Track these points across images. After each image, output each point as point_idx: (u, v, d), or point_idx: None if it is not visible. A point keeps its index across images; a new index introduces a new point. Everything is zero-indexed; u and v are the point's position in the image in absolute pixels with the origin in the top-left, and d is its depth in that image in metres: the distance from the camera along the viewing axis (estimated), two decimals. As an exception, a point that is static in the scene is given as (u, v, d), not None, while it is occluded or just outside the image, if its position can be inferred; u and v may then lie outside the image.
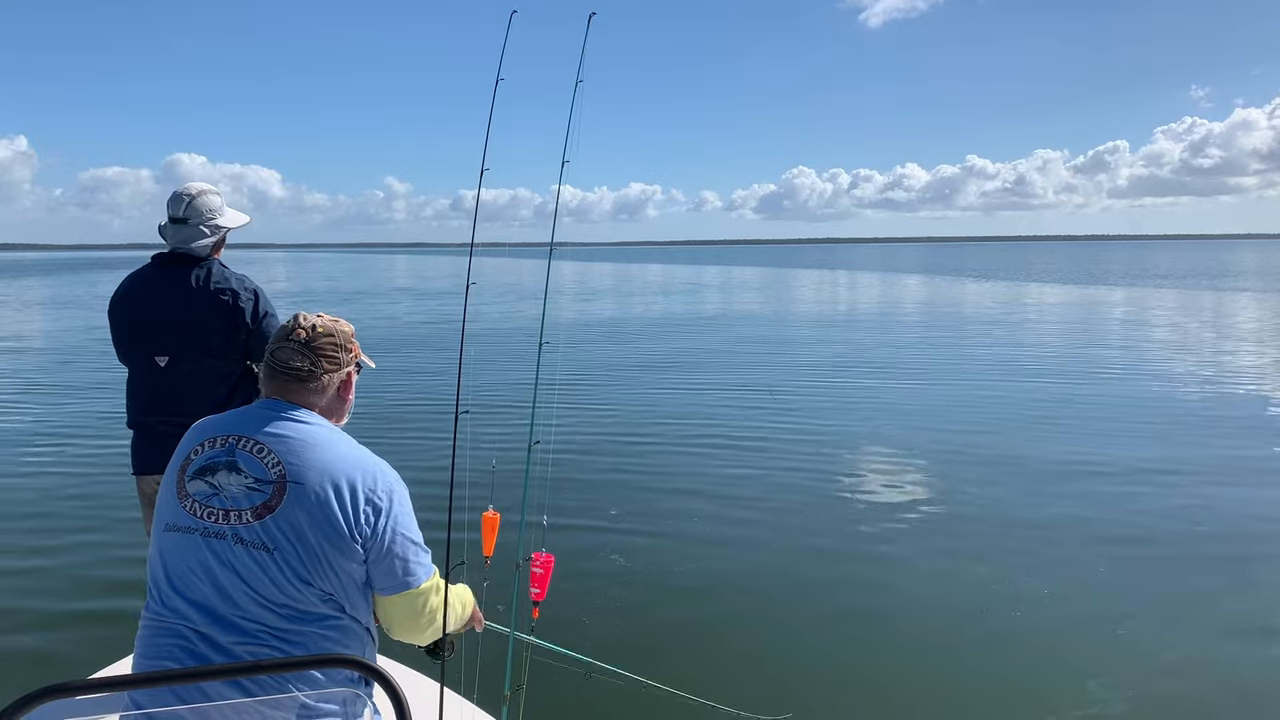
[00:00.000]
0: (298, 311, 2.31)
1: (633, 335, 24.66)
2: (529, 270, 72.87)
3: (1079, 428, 11.52)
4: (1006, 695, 4.89)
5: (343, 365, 2.27)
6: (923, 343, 22.18)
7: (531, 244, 37.58)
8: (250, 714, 1.95)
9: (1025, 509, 8.12)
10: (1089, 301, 37.84)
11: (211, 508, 2.05)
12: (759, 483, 9.06)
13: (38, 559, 6.97)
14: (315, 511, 2.04)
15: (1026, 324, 27.33)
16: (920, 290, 47.76)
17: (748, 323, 29.81)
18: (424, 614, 2.21)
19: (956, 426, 11.78)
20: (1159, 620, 5.79)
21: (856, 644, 5.56)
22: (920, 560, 6.90)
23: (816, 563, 6.85)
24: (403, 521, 2.15)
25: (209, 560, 2.02)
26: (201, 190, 3.81)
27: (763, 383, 15.53)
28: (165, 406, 3.73)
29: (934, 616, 5.90)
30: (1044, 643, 5.47)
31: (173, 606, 2.04)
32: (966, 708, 4.79)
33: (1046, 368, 17.20)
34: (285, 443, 2.10)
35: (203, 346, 3.71)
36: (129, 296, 3.83)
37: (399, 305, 38.55)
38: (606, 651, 5.16)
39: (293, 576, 2.02)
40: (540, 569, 2.92)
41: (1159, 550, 7.06)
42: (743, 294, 47.44)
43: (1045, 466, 9.55)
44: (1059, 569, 6.64)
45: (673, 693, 4.29)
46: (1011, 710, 4.76)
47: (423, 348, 22.26)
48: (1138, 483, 8.94)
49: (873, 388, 15.33)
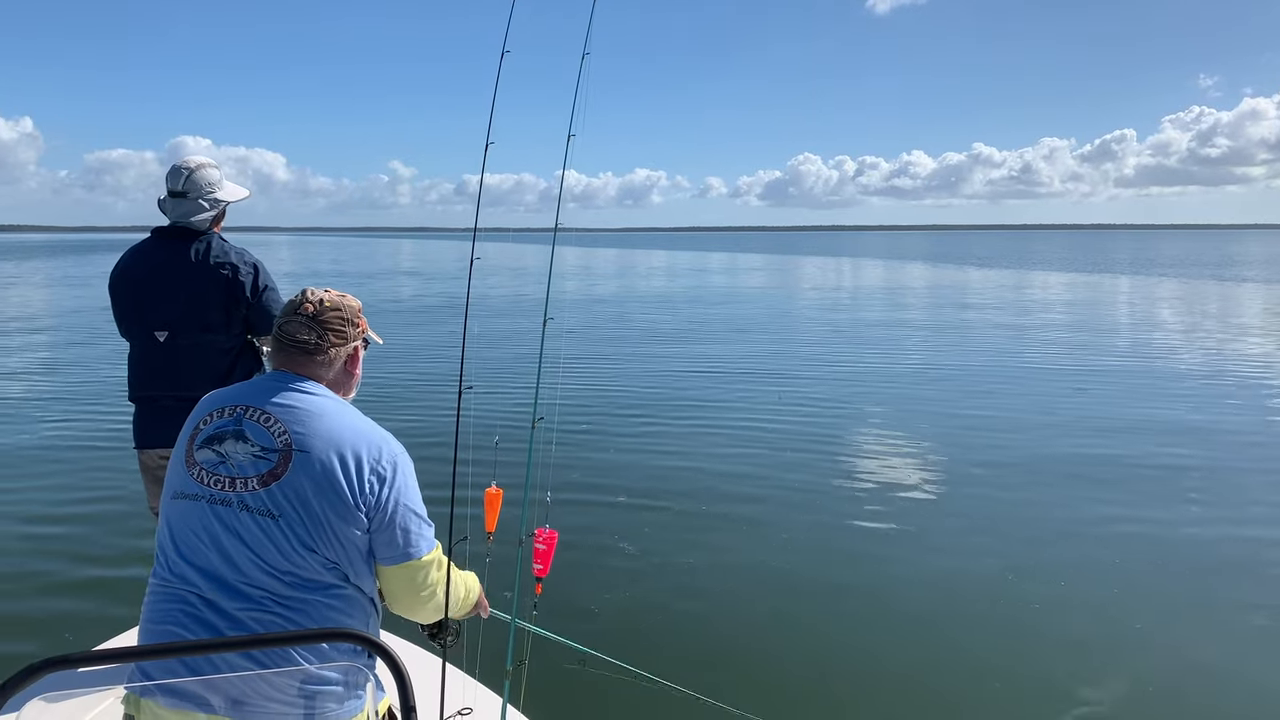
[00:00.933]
0: (306, 286, 2.31)
1: (637, 319, 24.67)
2: (532, 255, 72.86)
3: (1092, 420, 11.35)
4: (1024, 691, 4.78)
5: (350, 340, 2.28)
6: (933, 329, 22.11)
7: (536, 229, 38.02)
8: (254, 683, 1.96)
9: (1043, 500, 8.02)
10: (1098, 289, 37.79)
11: (218, 475, 2.07)
12: (763, 466, 9.04)
13: (43, 528, 7.04)
14: (320, 479, 2.05)
15: (1037, 313, 27.16)
16: (928, 277, 47.72)
17: (753, 306, 29.80)
18: (425, 586, 2.22)
19: (968, 414, 11.73)
20: (1184, 617, 5.65)
21: (863, 640, 5.39)
22: (933, 551, 6.80)
23: (823, 553, 6.71)
24: (406, 493, 2.17)
25: (215, 527, 2.04)
26: (201, 164, 3.79)
27: (768, 371, 15.52)
28: (166, 381, 3.72)
29: (945, 607, 5.79)
30: (1062, 638, 5.34)
31: (179, 572, 2.06)
32: (978, 705, 4.68)
33: (1058, 357, 17.04)
34: (292, 412, 2.12)
35: (202, 320, 3.70)
36: (129, 271, 3.81)
37: (404, 287, 38.69)
38: (605, 634, 5.20)
39: (297, 544, 2.04)
40: (543, 545, 2.91)
41: (1178, 549, 6.91)
42: (748, 280, 47.43)
43: (1059, 458, 9.44)
44: (1076, 564, 6.51)
45: (668, 686, 4.30)
46: (1030, 707, 4.66)
47: (428, 327, 22.45)
48: (1157, 473, 8.84)
49: (882, 373, 15.31)
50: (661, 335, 20.78)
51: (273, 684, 1.97)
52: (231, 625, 2.00)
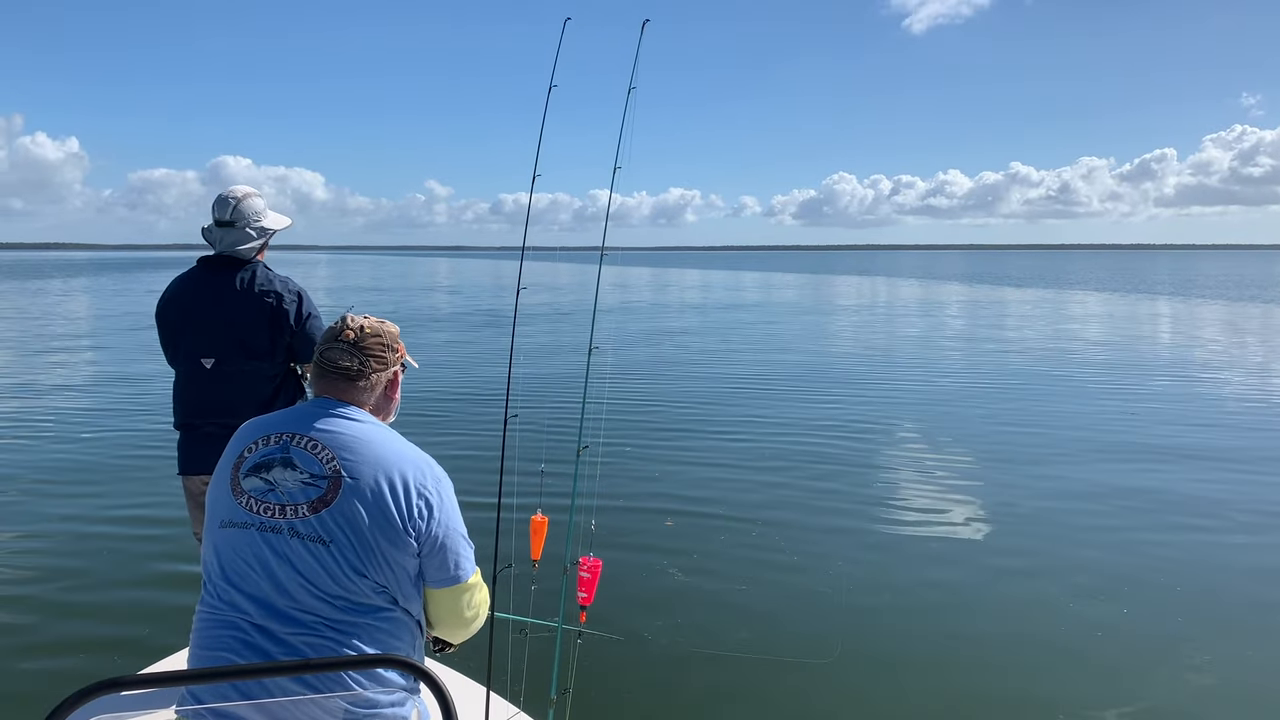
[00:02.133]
0: (345, 313, 2.35)
1: (677, 339, 24.56)
2: (567, 272, 73.05)
3: (1144, 444, 11.12)
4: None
5: (390, 364, 2.32)
6: (975, 350, 21.77)
7: (581, 248, 38.00)
8: (304, 707, 1.98)
9: (1099, 524, 7.80)
10: (1141, 310, 37.20)
11: (268, 503, 2.09)
12: (811, 490, 8.90)
13: (90, 555, 7.06)
14: (370, 506, 2.08)
15: (1080, 334, 26.64)
16: (966, 297, 47.25)
17: (792, 325, 29.64)
18: (470, 608, 2.28)
19: (1016, 434, 11.56)
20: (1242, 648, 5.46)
21: (930, 697, 5.02)
22: (994, 574, 6.64)
23: (880, 579, 6.51)
24: (453, 517, 2.21)
25: (265, 554, 2.06)
26: (247, 193, 3.87)
27: (811, 390, 15.38)
28: (212, 407, 3.77)
29: (1014, 633, 5.62)
30: (1117, 666, 5.20)
31: (228, 600, 2.08)
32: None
33: (1107, 380, 16.67)
34: (338, 439, 2.14)
35: (248, 348, 3.75)
36: (177, 299, 3.88)
37: (445, 305, 38.99)
38: (652, 662, 5.13)
39: (348, 569, 2.06)
40: (588, 573, 2.91)
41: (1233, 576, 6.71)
42: (786, 299, 47.20)
43: (1113, 483, 9.21)
44: (1134, 590, 6.34)
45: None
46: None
47: (471, 345, 22.53)
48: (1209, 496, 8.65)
49: (927, 393, 15.17)
50: (702, 355, 20.67)
51: (322, 707, 1.99)
52: (283, 650, 2.02)
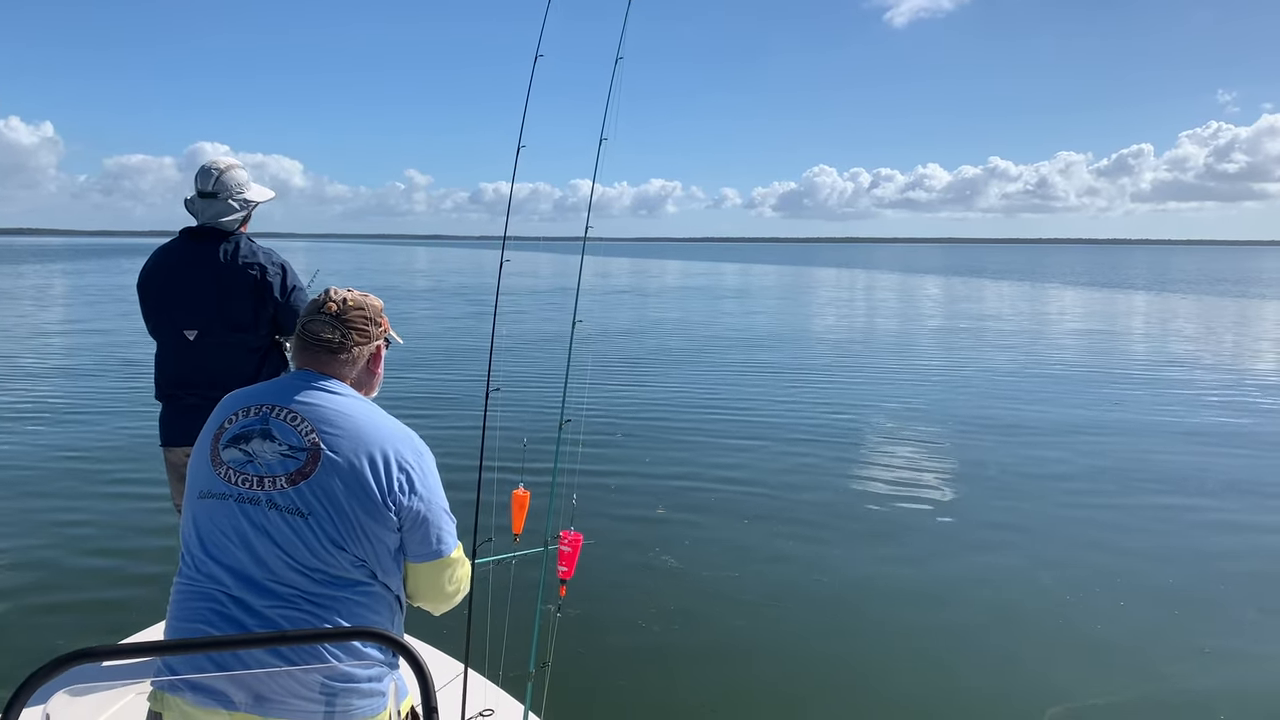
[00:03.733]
0: (329, 286, 2.33)
1: (658, 328, 24.61)
2: (548, 263, 72.97)
3: (1135, 433, 11.23)
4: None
5: (373, 338, 2.30)
6: (958, 341, 21.93)
7: (563, 238, 37.86)
8: (280, 680, 1.96)
9: (1091, 516, 7.80)
10: (1120, 304, 37.55)
11: (246, 474, 2.07)
12: (791, 469, 9.06)
13: (67, 528, 7.04)
14: (350, 479, 2.06)
15: (1062, 326, 26.83)
16: (947, 290, 47.53)
17: (778, 316, 29.74)
18: (451, 582, 2.26)
19: (1004, 424, 11.63)
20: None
21: (911, 669, 5.06)
22: (981, 559, 6.69)
23: (862, 573, 6.50)
24: (435, 490, 2.19)
25: (243, 525, 2.04)
26: (230, 165, 3.84)
27: (794, 375, 15.46)
28: (194, 379, 3.74)
29: (1004, 622, 5.64)
30: (1126, 658, 5.17)
31: (206, 571, 2.06)
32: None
33: (1092, 371, 16.79)
34: (318, 411, 2.12)
35: (232, 320, 3.72)
36: (159, 269, 3.84)
37: (428, 294, 38.90)
38: (630, 637, 5.17)
39: (326, 541, 2.04)
40: (569, 547, 2.90)
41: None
42: (768, 289, 47.38)
43: (1108, 471, 9.28)
44: (1133, 582, 6.35)
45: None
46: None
47: (454, 333, 22.63)
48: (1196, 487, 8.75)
49: (918, 382, 15.30)
50: (683, 343, 20.79)
51: (299, 680, 1.97)
52: (260, 623, 2.00)
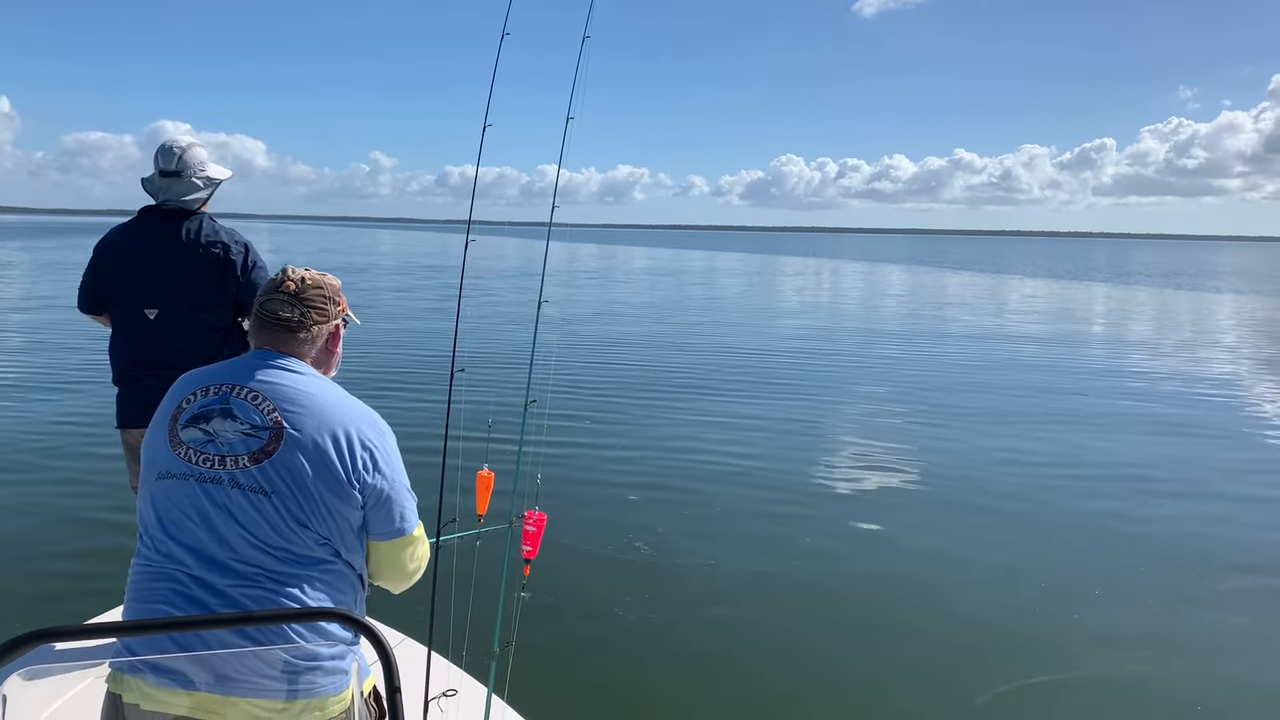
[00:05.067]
0: (286, 264, 2.31)
1: (629, 311, 24.73)
2: (514, 248, 72.81)
3: (1102, 423, 11.35)
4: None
5: (331, 317, 2.29)
6: (924, 332, 22.12)
7: (530, 223, 37.94)
8: (242, 659, 1.95)
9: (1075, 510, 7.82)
10: (1083, 296, 38.07)
11: (207, 454, 2.05)
12: (756, 454, 9.18)
13: (18, 511, 6.94)
14: (313, 457, 2.05)
15: (1026, 319, 27.03)
16: (913, 281, 48.01)
17: (745, 301, 29.97)
18: (412, 560, 2.27)
19: (971, 411, 11.80)
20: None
21: (880, 651, 5.08)
22: (942, 544, 6.74)
23: (830, 555, 6.54)
24: (397, 469, 2.19)
25: (204, 505, 2.03)
26: (191, 143, 3.81)
27: (756, 364, 15.57)
28: (153, 360, 3.69)
29: (985, 614, 5.62)
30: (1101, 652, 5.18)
31: (166, 551, 2.04)
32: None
33: (1059, 363, 16.93)
34: (279, 390, 2.11)
35: (193, 299, 3.68)
36: (116, 247, 3.78)
37: (394, 277, 38.75)
38: (592, 617, 5.22)
39: (290, 519, 2.03)
40: (533, 526, 2.91)
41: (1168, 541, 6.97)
42: (736, 277, 47.66)
43: (1077, 459, 9.42)
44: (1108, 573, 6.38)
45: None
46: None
47: (419, 314, 22.65)
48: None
49: (885, 366, 15.56)
50: (650, 327, 20.92)
51: (261, 659, 1.96)
52: (223, 602, 1.99)
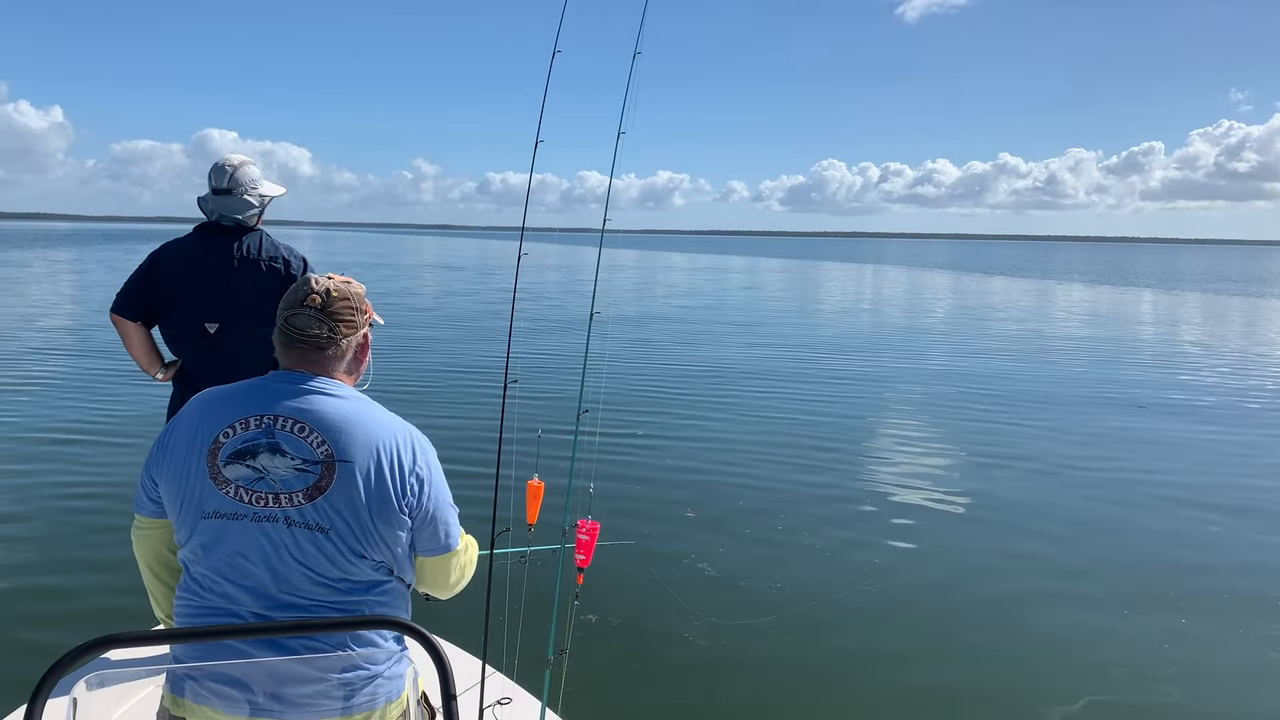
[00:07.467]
0: (308, 274, 2.25)
1: (671, 320, 24.56)
2: (556, 254, 72.99)
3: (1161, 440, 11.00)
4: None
5: (359, 327, 2.22)
6: (981, 340, 21.71)
7: (577, 229, 37.62)
8: (305, 683, 1.98)
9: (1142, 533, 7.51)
10: (1137, 303, 37.41)
11: (259, 491, 2.02)
12: (800, 465, 9.12)
13: (71, 518, 7.03)
14: (366, 490, 2.04)
15: (1082, 327, 26.49)
16: (960, 286, 47.41)
17: (796, 311, 29.70)
18: (455, 571, 2.27)
19: (1030, 427, 11.44)
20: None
21: (949, 673, 4.94)
22: (997, 563, 6.58)
23: (896, 576, 6.41)
24: (442, 488, 2.18)
25: (262, 544, 2.01)
26: (243, 161, 3.90)
27: (806, 373, 15.50)
28: (212, 372, 3.76)
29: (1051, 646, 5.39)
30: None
31: (220, 591, 2.03)
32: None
33: (1118, 374, 16.43)
34: (323, 420, 2.07)
35: (255, 313, 3.75)
36: (175, 262, 3.86)
37: (441, 284, 39.08)
38: (646, 625, 5.22)
39: (348, 552, 2.03)
40: (586, 536, 2.93)
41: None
42: (779, 283, 47.38)
43: (1145, 485, 8.95)
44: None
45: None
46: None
47: (473, 323, 22.79)
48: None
49: (927, 375, 15.35)
50: (698, 337, 20.77)
51: (323, 679, 1.99)
52: (286, 638, 2.00)
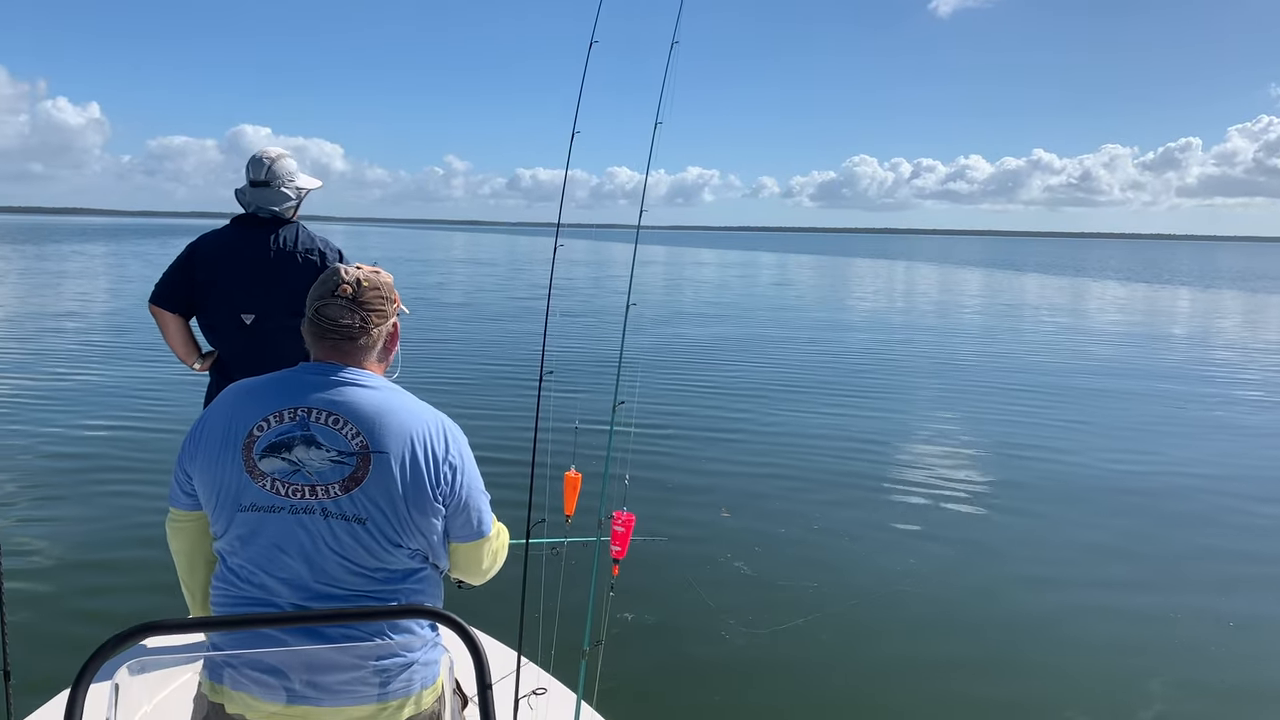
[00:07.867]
0: (336, 264, 2.26)
1: (703, 318, 24.45)
2: (585, 250, 73.18)
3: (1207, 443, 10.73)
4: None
5: (389, 316, 2.23)
6: (1018, 338, 21.44)
7: (611, 225, 37.02)
8: (344, 670, 2.00)
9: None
10: (1178, 301, 36.92)
11: (295, 484, 2.03)
12: (839, 463, 9.07)
13: (119, 508, 7.10)
14: (402, 480, 2.05)
15: (1122, 326, 25.98)
16: (997, 284, 47.03)
17: (827, 308, 29.47)
18: (487, 558, 2.28)
19: (1071, 425, 11.28)
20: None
21: (993, 685, 4.84)
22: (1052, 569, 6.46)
23: (940, 579, 6.28)
24: (474, 475, 2.19)
25: (300, 537, 2.03)
26: (280, 154, 3.93)
27: (838, 371, 15.39)
28: (252, 364, 3.81)
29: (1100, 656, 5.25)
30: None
31: (258, 583, 2.05)
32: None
33: (1161, 374, 16.02)
34: (357, 411, 2.08)
35: (292, 305, 3.78)
36: (212, 252, 3.91)
37: (476, 278, 39.37)
38: (680, 617, 5.22)
39: (385, 542, 2.05)
40: (621, 527, 2.93)
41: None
42: (811, 279, 47.29)
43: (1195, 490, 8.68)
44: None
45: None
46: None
47: (506, 318, 22.93)
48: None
49: (971, 371, 15.24)
50: (730, 333, 20.67)
51: (362, 666, 2.00)
52: (325, 629, 2.01)
